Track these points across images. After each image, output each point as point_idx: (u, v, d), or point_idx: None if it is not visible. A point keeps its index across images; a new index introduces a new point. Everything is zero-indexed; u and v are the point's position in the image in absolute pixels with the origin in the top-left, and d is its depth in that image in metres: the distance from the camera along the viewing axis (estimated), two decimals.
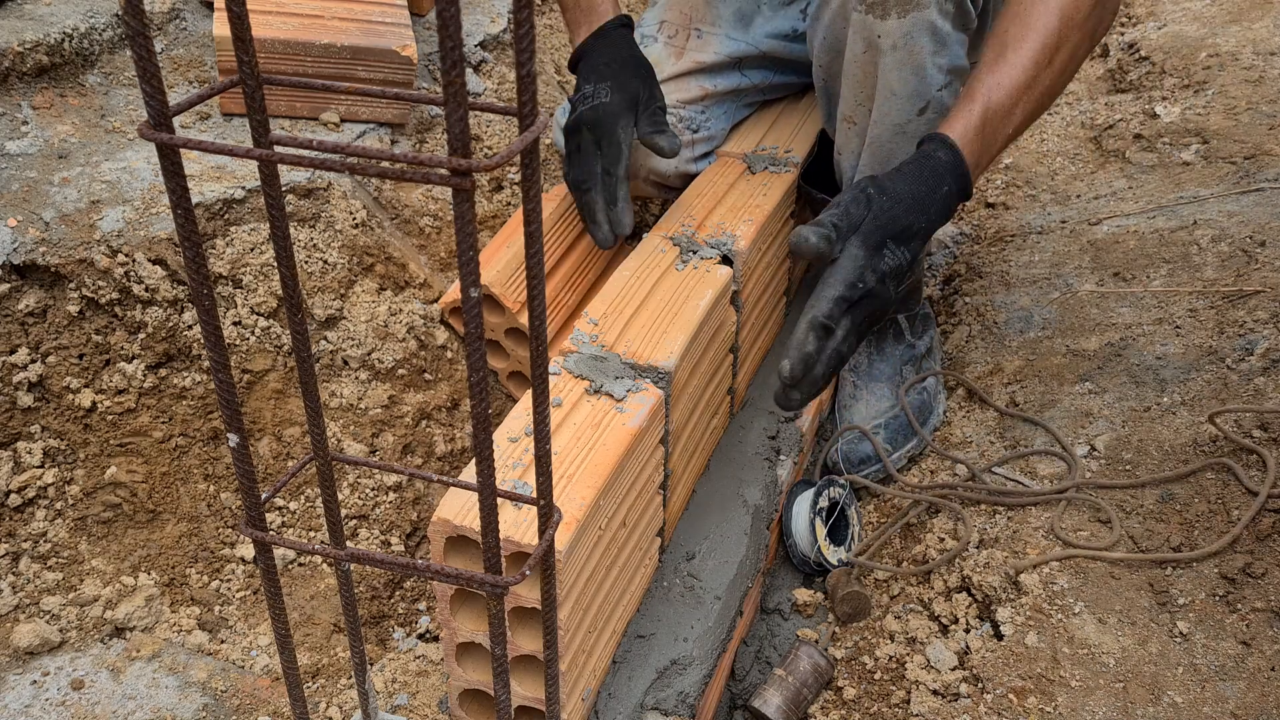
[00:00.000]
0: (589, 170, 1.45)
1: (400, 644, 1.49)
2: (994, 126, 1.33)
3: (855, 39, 1.45)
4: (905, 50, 1.41)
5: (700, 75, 1.78)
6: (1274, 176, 2.06)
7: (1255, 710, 1.17)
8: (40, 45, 1.60)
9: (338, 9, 1.81)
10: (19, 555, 1.35)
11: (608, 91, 1.44)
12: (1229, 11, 2.76)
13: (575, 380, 1.25)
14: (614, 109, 1.43)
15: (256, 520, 0.73)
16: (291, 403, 1.58)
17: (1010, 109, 1.33)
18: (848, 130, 1.56)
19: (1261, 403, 1.50)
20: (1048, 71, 1.35)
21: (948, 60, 1.44)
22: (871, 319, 1.20)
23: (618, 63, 1.48)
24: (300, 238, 1.63)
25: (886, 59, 1.43)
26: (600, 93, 1.45)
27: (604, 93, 1.45)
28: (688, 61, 1.76)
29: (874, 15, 1.40)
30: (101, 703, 1.25)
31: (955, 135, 1.31)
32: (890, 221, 1.20)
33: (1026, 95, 1.34)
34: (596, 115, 1.44)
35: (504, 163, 0.52)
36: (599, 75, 1.47)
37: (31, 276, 1.40)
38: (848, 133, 1.57)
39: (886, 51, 1.42)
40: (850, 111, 1.54)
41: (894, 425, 1.73)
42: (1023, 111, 1.35)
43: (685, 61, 1.76)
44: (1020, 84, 1.33)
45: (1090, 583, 1.35)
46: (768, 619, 1.59)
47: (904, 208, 1.21)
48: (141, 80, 0.55)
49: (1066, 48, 1.35)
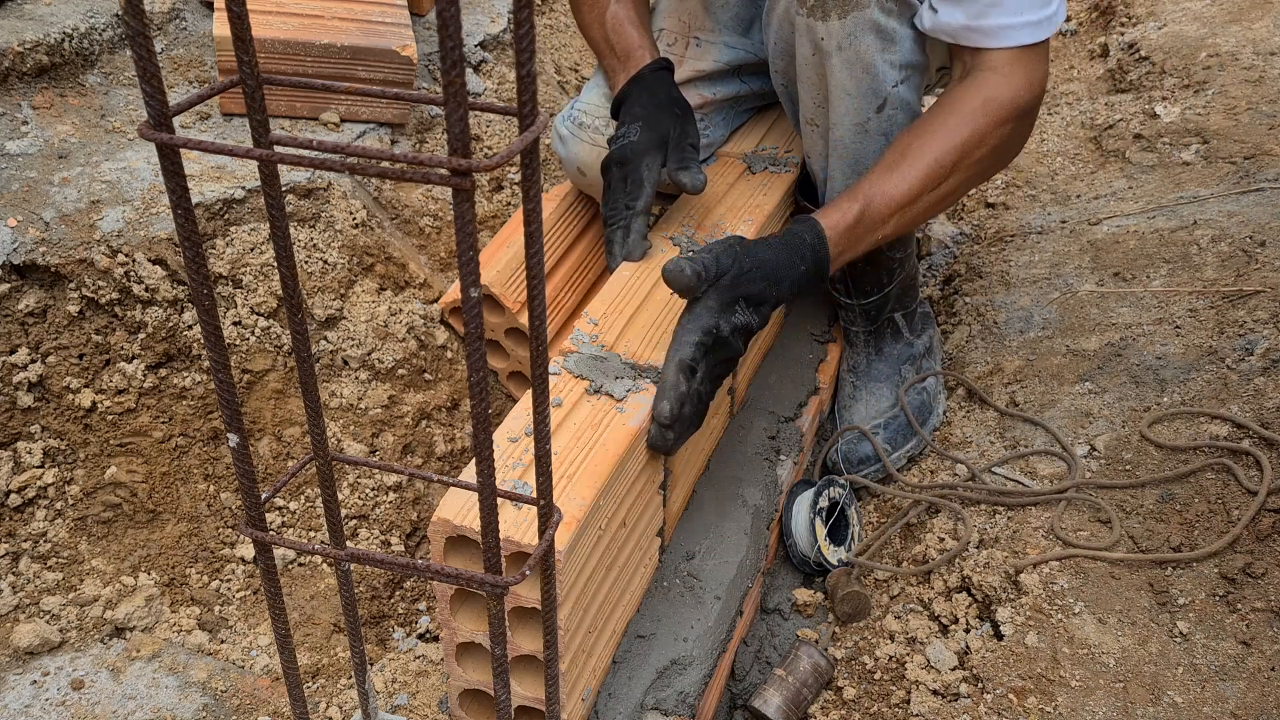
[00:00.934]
0: (615, 206, 1.50)
1: (400, 644, 1.49)
2: (865, 228, 1.41)
3: (802, 42, 1.47)
4: (851, 50, 1.44)
5: (700, 83, 1.78)
6: (1274, 176, 2.06)
7: (1255, 710, 1.17)
8: (40, 45, 1.60)
9: (338, 9, 1.81)
10: (19, 555, 1.35)
11: (638, 131, 1.50)
12: (1229, 11, 2.76)
13: (575, 380, 1.25)
14: (641, 147, 1.49)
15: (256, 520, 0.73)
16: (291, 403, 1.58)
17: (885, 219, 1.42)
18: (812, 132, 1.59)
19: (1261, 402, 1.50)
20: (931, 195, 1.43)
21: (899, 56, 1.46)
22: (723, 366, 1.28)
23: (654, 105, 1.53)
24: (300, 238, 1.63)
25: (833, 60, 1.45)
26: (631, 132, 1.51)
27: (635, 132, 1.50)
28: (687, 70, 1.77)
29: (815, 18, 1.43)
30: (101, 703, 1.25)
31: (827, 226, 1.39)
32: (747, 284, 1.28)
33: (904, 211, 1.42)
34: (624, 154, 1.50)
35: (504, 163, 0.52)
36: (633, 117, 1.53)
37: (31, 276, 1.40)
38: (812, 135, 1.59)
39: (832, 53, 1.45)
40: (811, 114, 1.56)
41: (894, 425, 1.73)
42: (895, 224, 1.43)
43: (685, 70, 1.77)
44: (902, 200, 1.41)
45: (1090, 583, 1.35)
46: (768, 619, 1.59)
47: (761, 274, 1.30)
48: (141, 80, 0.55)
49: (955, 177, 1.43)
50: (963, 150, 1.41)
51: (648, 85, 1.56)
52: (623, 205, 1.50)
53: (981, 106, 1.41)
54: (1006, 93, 1.41)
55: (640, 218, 1.49)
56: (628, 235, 1.49)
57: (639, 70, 1.57)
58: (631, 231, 1.49)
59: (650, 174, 1.48)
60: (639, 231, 1.49)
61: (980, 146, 1.42)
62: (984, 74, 1.42)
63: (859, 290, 1.73)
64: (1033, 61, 1.42)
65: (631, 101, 1.55)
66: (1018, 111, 1.42)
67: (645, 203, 1.48)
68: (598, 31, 1.67)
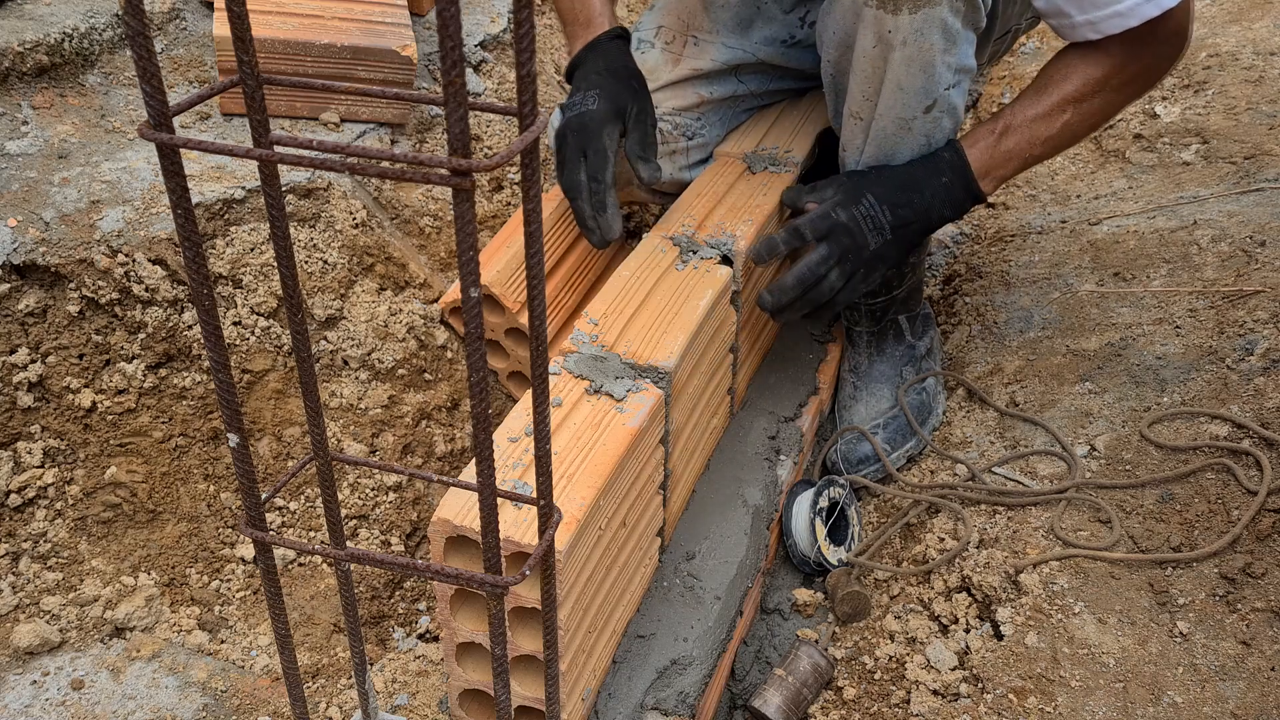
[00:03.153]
0: (574, 178, 1.48)
1: (400, 644, 1.49)
2: (1012, 145, 1.43)
3: (866, 33, 1.45)
4: (916, 46, 1.42)
5: (697, 82, 1.78)
6: (1274, 176, 2.06)
7: (1255, 710, 1.17)
8: (40, 45, 1.60)
9: (338, 9, 1.81)
10: (19, 555, 1.35)
11: (595, 99, 1.47)
12: (1229, 11, 2.76)
13: (575, 380, 1.25)
14: (599, 116, 1.46)
15: (256, 520, 0.73)
16: (291, 403, 1.58)
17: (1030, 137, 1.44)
18: (854, 126, 1.57)
19: (1261, 402, 1.50)
20: (1079, 110, 1.44)
21: (956, 59, 1.45)
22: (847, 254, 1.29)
23: (609, 72, 1.51)
24: (300, 238, 1.63)
25: (896, 54, 1.43)
26: (588, 100, 1.48)
27: (591, 100, 1.48)
28: (685, 68, 1.76)
29: (885, 10, 1.41)
30: (101, 703, 1.25)
31: (966, 143, 1.40)
32: (873, 183, 1.29)
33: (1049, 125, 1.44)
34: (582, 122, 1.47)
35: (504, 163, 0.52)
36: (589, 84, 1.50)
37: (31, 276, 1.40)
38: (853, 129, 1.57)
39: (897, 46, 1.43)
40: (858, 107, 1.54)
41: (893, 425, 1.73)
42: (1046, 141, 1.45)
43: (682, 68, 1.76)
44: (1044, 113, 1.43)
45: (1090, 583, 1.35)
46: (768, 619, 1.59)
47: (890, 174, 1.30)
48: (141, 80, 0.55)
49: (1102, 96, 1.44)
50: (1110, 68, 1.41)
51: (604, 51, 1.54)
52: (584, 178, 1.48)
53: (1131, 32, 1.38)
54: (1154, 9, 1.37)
55: (610, 191, 1.47)
56: (601, 210, 1.47)
57: (596, 36, 1.57)
58: (607, 206, 1.47)
59: (611, 143, 1.47)
60: (613, 204, 1.48)
61: (1131, 63, 1.41)
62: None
63: (867, 290, 1.73)
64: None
65: (587, 68, 1.53)
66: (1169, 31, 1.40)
67: (612, 174, 1.47)
68: (565, 2, 1.66)
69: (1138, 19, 1.37)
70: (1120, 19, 1.38)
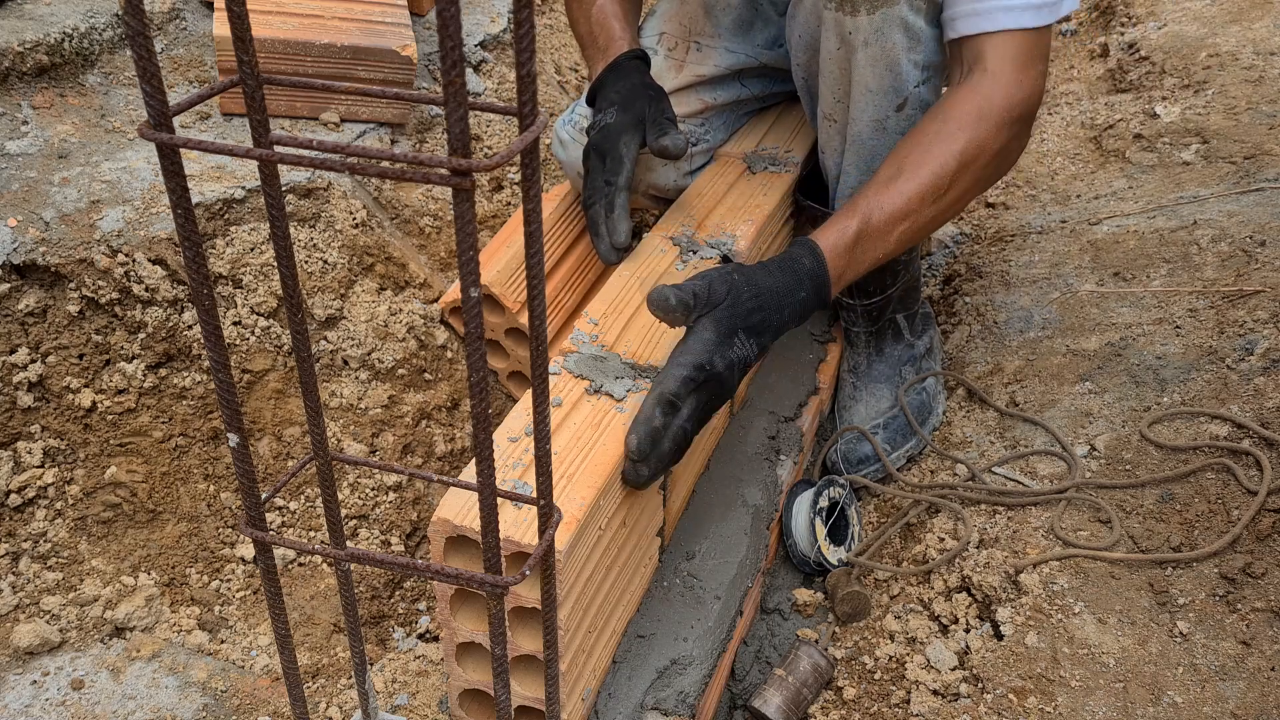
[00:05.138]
0: (592, 184, 1.47)
1: (400, 644, 1.49)
2: (866, 246, 1.36)
3: (829, 36, 1.46)
4: (878, 46, 1.42)
5: (700, 88, 1.78)
6: (1274, 176, 2.06)
7: (1255, 710, 1.17)
8: (40, 45, 1.60)
9: (338, 9, 1.81)
10: (19, 555, 1.35)
11: (614, 114, 1.48)
12: (1229, 11, 2.76)
13: (575, 380, 1.25)
14: (618, 127, 1.47)
15: (256, 520, 0.73)
16: (291, 403, 1.58)
17: (886, 233, 1.36)
18: (829, 128, 1.58)
19: (1261, 402, 1.50)
20: (932, 207, 1.38)
21: (923, 56, 1.45)
22: (713, 401, 1.20)
23: (628, 89, 1.51)
24: (300, 238, 1.63)
25: (860, 55, 1.44)
26: (608, 116, 1.49)
27: (611, 115, 1.48)
28: (688, 75, 1.77)
29: (844, 12, 1.42)
30: (101, 703, 1.25)
31: (825, 246, 1.33)
32: (746, 313, 1.21)
33: (905, 224, 1.37)
34: (603, 135, 1.48)
35: (504, 163, 0.52)
36: (608, 102, 1.51)
37: (31, 276, 1.40)
38: (829, 130, 1.58)
39: (859, 48, 1.43)
40: (830, 109, 1.55)
41: (893, 425, 1.73)
42: (898, 239, 1.38)
43: (685, 75, 1.77)
44: (902, 213, 1.36)
45: (1090, 583, 1.35)
46: (768, 619, 1.59)
47: (759, 303, 1.22)
48: (141, 80, 0.55)
49: (957, 188, 1.38)
50: (962, 159, 1.36)
51: (623, 71, 1.55)
52: (602, 182, 1.47)
53: (976, 112, 1.36)
54: (1000, 98, 1.36)
55: (622, 193, 1.46)
56: (610, 211, 1.46)
57: (615, 58, 1.57)
58: (615, 207, 1.46)
59: (629, 150, 1.45)
60: (621, 206, 1.46)
61: (980, 154, 1.36)
62: (979, 77, 1.38)
63: (861, 291, 1.73)
64: (1030, 61, 1.38)
65: (608, 88, 1.54)
66: (1015, 116, 1.37)
67: (626, 178, 1.45)
68: (584, 26, 1.66)
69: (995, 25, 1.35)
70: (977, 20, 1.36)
